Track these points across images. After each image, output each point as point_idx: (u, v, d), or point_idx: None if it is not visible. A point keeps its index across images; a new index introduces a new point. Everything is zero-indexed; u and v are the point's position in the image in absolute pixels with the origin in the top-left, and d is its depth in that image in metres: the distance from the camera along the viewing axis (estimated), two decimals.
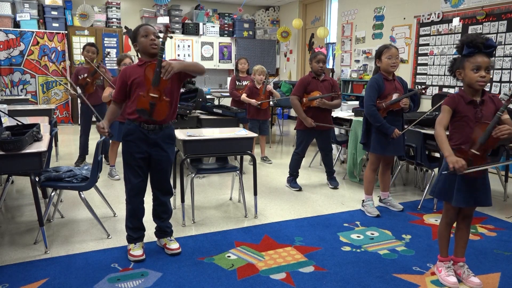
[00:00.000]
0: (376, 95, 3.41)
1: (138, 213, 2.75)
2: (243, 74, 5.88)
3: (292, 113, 9.42)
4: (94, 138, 5.17)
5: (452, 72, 2.38)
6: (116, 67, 4.72)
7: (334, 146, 5.41)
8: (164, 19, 9.04)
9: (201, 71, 2.67)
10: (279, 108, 7.87)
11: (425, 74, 6.41)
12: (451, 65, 2.40)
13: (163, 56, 2.55)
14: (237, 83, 5.82)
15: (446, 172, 2.30)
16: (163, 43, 2.57)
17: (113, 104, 2.70)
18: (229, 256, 2.78)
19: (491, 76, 5.43)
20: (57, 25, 8.25)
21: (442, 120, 2.34)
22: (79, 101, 6.87)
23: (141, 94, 2.54)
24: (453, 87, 5.92)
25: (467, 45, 2.25)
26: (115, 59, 4.89)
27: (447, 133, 2.37)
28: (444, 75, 6.08)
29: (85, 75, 4.83)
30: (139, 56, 2.76)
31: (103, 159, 3.73)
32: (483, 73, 2.23)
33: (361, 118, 4.04)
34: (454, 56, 2.38)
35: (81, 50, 5.01)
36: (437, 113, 2.53)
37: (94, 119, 5.03)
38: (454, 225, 2.55)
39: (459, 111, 2.32)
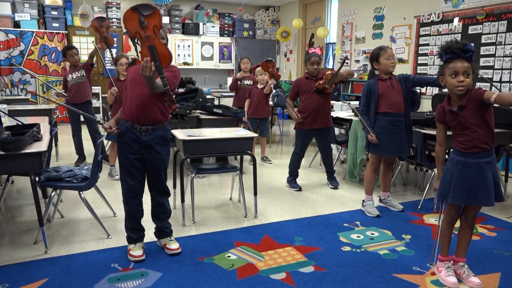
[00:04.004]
0: (367, 101, 3.57)
1: (136, 215, 2.75)
2: (246, 73, 5.93)
3: None
4: (87, 139, 5.19)
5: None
6: (114, 67, 4.74)
7: (334, 146, 5.41)
8: (164, 19, 9.05)
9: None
10: (279, 108, 7.87)
11: (425, 74, 6.41)
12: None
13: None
14: (239, 82, 5.85)
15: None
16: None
17: None
18: (229, 256, 2.78)
19: (491, 76, 5.44)
20: (57, 25, 8.26)
21: (438, 137, 2.51)
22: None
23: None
24: None
25: (445, 51, 2.29)
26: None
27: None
28: None
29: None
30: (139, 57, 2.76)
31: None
32: (461, 77, 2.25)
33: None
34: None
35: (63, 57, 5.08)
36: (435, 113, 2.56)
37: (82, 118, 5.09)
38: (457, 225, 2.55)
39: (447, 121, 2.42)
